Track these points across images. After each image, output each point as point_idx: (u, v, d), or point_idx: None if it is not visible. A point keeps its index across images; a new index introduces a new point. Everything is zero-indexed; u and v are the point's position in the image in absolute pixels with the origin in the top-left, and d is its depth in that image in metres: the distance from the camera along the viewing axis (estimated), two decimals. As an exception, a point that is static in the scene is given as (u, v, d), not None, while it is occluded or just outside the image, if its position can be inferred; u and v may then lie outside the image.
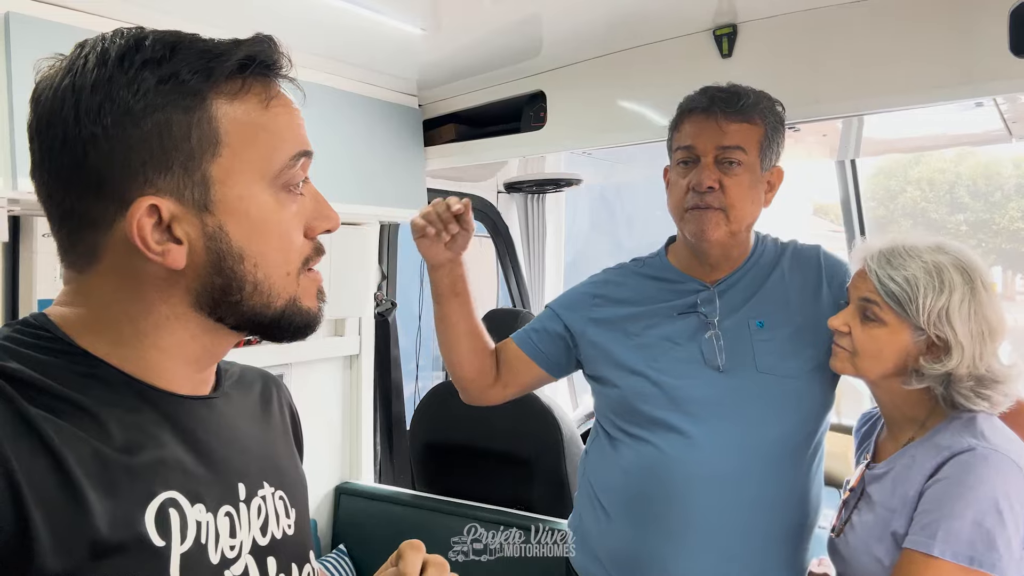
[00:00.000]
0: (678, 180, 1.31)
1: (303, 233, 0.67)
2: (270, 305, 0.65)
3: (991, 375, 1.10)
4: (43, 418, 0.54)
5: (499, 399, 1.49)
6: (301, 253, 0.67)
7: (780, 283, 1.35)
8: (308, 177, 0.68)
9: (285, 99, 0.66)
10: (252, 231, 0.63)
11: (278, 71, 0.65)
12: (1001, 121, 1.71)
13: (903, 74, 1.45)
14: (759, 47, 1.59)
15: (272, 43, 0.64)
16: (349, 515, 2.14)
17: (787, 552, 1.29)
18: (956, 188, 11.68)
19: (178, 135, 0.59)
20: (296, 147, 0.65)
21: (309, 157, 0.66)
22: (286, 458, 0.80)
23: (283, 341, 0.69)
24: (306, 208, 0.67)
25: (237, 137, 0.62)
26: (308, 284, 0.68)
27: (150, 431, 0.61)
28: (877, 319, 1.14)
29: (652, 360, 1.33)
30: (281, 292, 0.65)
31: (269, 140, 0.64)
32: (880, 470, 1.18)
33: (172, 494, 0.59)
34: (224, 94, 0.62)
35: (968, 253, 1.14)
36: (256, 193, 0.63)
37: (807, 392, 1.29)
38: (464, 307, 1.38)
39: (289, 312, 0.66)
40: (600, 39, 1.77)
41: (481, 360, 1.43)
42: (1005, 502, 1.00)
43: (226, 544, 0.63)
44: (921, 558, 1.02)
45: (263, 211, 0.63)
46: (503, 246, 2.93)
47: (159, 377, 0.64)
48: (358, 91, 1.92)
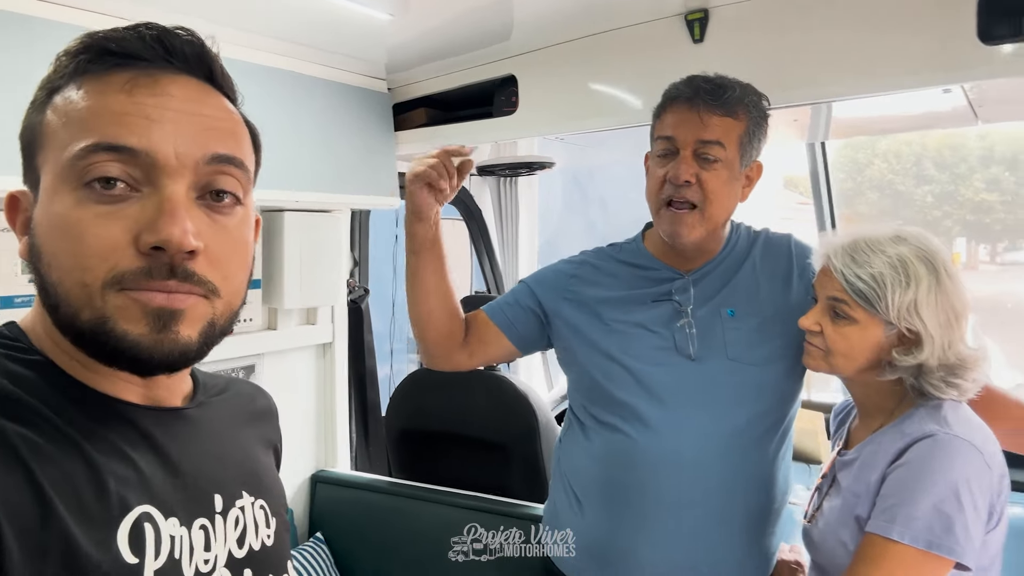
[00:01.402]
0: (656, 170, 1.31)
1: (133, 243, 0.56)
2: (76, 316, 0.57)
3: (960, 362, 1.11)
4: (17, 433, 0.53)
5: (463, 366, 1.49)
6: (108, 264, 0.55)
7: (752, 273, 1.36)
8: (168, 182, 0.57)
9: (159, 87, 0.59)
10: (49, 228, 0.57)
11: (130, 58, 0.59)
12: (968, 105, 1.73)
13: (873, 60, 1.45)
14: (730, 32, 1.59)
15: (138, 30, 0.60)
16: (325, 503, 2.14)
17: (754, 536, 1.32)
18: (922, 160, 11.85)
19: (28, 131, 0.61)
20: (92, 138, 0.56)
21: (118, 152, 0.56)
22: (267, 469, 0.79)
23: (131, 371, 0.60)
24: (137, 215, 0.56)
25: (53, 127, 0.59)
26: (126, 304, 0.56)
27: (122, 445, 0.60)
28: (847, 317, 1.15)
29: (626, 346, 1.33)
30: (81, 305, 0.56)
31: (71, 129, 0.57)
32: (849, 457, 1.20)
33: (146, 508, 0.58)
34: (66, 88, 0.60)
35: (927, 239, 1.15)
36: (56, 186, 0.57)
37: (775, 380, 1.31)
38: (438, 262, 1.37)
39: (99, 332, 0.57)
40: (571, 23, 1.74)
41: (450, 322, 1.42)
42: (964, 488, 1.02)
43: (200, 558, 0.62)
44: (881, 541, 1.05)
45: (58, 207, 0.57)
46: (476, 229, 2.92)
47: (115, 388, 0.62)
48: (325, 76, 1.87)
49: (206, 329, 0.61)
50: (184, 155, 0.58)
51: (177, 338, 0.58)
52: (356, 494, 2.10)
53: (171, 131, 0.58)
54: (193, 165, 0.59)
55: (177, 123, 0.58)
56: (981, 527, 1.04)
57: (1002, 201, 11.97)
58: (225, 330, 0.63)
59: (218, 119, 0.62)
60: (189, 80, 0.62)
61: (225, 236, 0.61)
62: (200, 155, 0.59)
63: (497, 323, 1.45)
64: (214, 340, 0.62)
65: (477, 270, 3.03)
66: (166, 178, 0.57)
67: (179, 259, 0.57)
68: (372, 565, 2.02)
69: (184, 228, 0.56)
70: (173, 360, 0.59)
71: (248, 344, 1.92)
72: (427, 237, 1.34)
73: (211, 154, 0.60)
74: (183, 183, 0.58)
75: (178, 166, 0.58)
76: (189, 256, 0.57)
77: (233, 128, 0.64)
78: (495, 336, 1.45)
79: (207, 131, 0.60)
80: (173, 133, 0.58)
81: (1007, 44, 1.32)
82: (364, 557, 2.03)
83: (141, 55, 0.60)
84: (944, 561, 1.02)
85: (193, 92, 0.61)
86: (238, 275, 0.64)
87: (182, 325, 0.58)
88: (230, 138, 0.63)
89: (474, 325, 1.47)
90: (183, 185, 0.58)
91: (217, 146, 0.60)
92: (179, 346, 0.58)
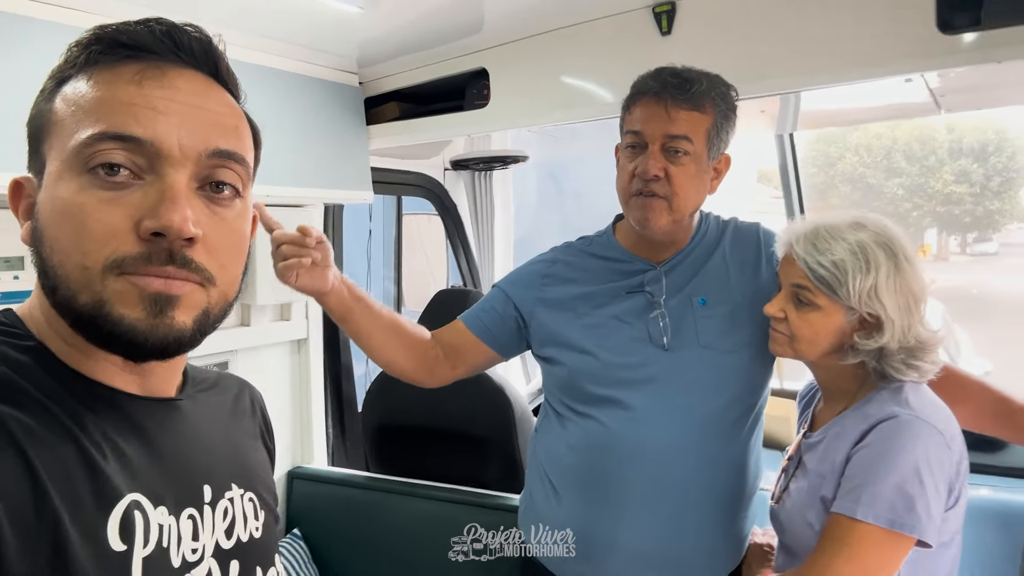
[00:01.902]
0: (626, 163, 1.32)
1: (134, 228, 0.57)
2: (74, 299, 0.58)
3: (920, 344, 1.14)
4: (12, 417, 0.54)
5: (448, 380, 1.49)
6: (109, 248, 0.57)
7: (722, 261, 1.38)
8: (170, 171, 0.59)
9: (166, 80, 0.60)
10: (52, 212, 0.59)
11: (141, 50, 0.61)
12: (930, 95, 1.76)
13: (836, 52, 1.48)
14: (697, 24, 1.61)
15: (149, 25, 0.62)
16: (303, 499, 2.13)
17: (727, 520, 1.34)
18: (892, 153, 12.06)
19: (36, 119, 0.62)
20: (100, 126, 0.58)
21: (123, 141, 0.58)
22: (258, 462, 0.80)
23: (126, 356, 0.61)
24: (139, 201, 0.58)
25: (62, 115, 0.61)
26: (124, 288, 0.57)
27: (113, 434, 0.60)
28: (810, 304, 1.17)
29: (601, 339, 1.35)
30: (80, 287, 0.57)
31: (79, 117, 0.59)
32: (815, 439, 1.23)
33: (136, 496, 0.59)
34: (75, 78, 0.61)
35: (887, 226, 1.17)
36: (61, 171, 0.59)
37: (746, 366, 1.33)
38: (369, 309, 1.36)
39: (97, 315, 0.58)
40: (541, 16, 1.75)
41: (415, 350, 1.43)
42: (926, 467, 1.05)
43: (188, 547, 0.63)
44: (846, 521, 1.07)
45: (63, 192, 0.58)
46: (452, 224, 2.92)
47: (110, 376, 0.63)
48: (295, 70, 1.87)
49: (200, 317, 0.62)
50: (187, 147, 0.60)
51: (172, 323, 0.59)
52: (333, 489, 2.10)
53: (176, 123, 0.60)
54: (196, 157, 0.60)
55: (182, 116, 0.60)
56: (941, 505, 1.07)
57: (971, 193, 12.24)
58: (218, 319, 0.65)
59: (222, 114, 0.64)
60: (196, 74, 0.63)
61: (223, 227, 0.63)
62: (203, 148, 0.61)
63: (475, 332, 1.45)
64: (208, 328, 0.64)
65: (453, 264, 3.03)
66: (169, 167, 0.59)
67: (178, 245, 0.58)
68: (350, 560, 2.02)
69: (184, 215, 0.58)
70: (167, 345, 0.60)
71: (221, 340, 1.91)
72: (343, 303, 1.32)
73: (213, 148, 0.61)
74: (185, 173, 0.60)
75: (181, 157, 0.59)
76: (188, 243, 0.59)
77: (236, 124, 0.66)
78: (474, 345, 1.45)
79: (211, 125, 0.62)
80: (178, 125, 0.60)
81: (966, 33, 1.35)
82: (342, 552, 2.03)
83: (151, 48, 0.61)
84: (906, 539, 1.05)
85: (199, 86, 0.63)
86: (234, 265, 0.65)
87: (178, 311, 0.60)
88: (232, 133, 0.64)
89: (452, 337, 1.46)
90: (185, 175, 0.60)
91: (219, 141, 0.62)
92: (174, 331, 0.60)
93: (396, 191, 2.75)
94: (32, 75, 0.66)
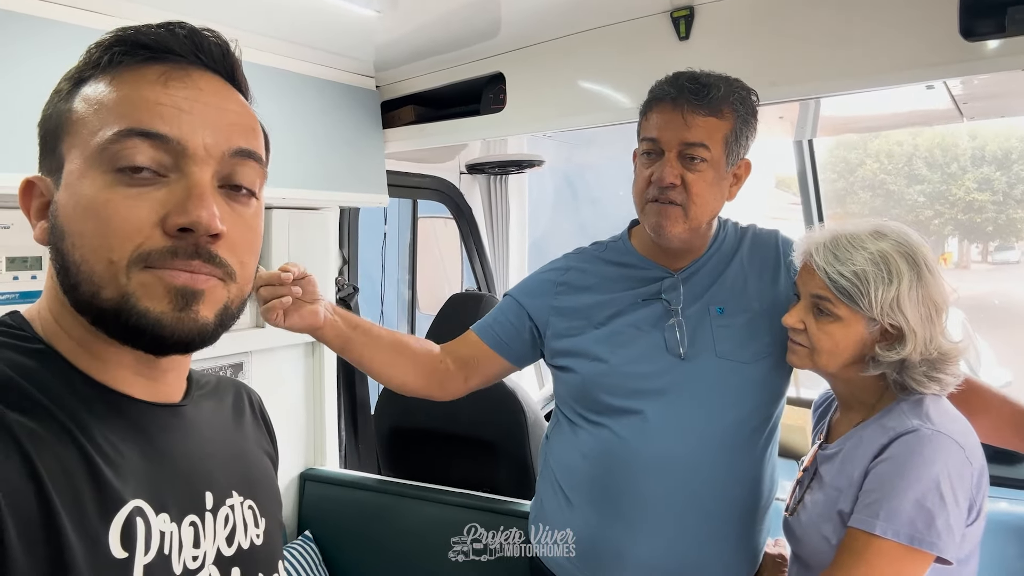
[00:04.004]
0: (642, 170, 1.30)
1: (159, 224, 0.58)
2: (96, 295, 0.58)
3: (942, 356, 1.12)
4: (18, 422, 0.54)
5: (462, 393, 1.47)
6: (135, 242, 0.58)
7: (740, 269, 1.36)
8: (195, 169, 0.60)
9: (191, 81, 0.62)
10: (75, 209, 0.59)
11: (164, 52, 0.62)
12: (952, 102, 1.74)
13: (857, 58, 1.46)
14: (716, 29, 1.59)
15: (171, 27, 0.63)
16: (315, 501, 2.13)
17: (742, 534, 1.32)
18: (914, 160, 11.93)
19: (53, 120, 0.63)
20: (125, 123, 0.59)
21: (150, 139, 0.58)
22: (258, 468, 0.80)
23: (148, 350, 0.61)
24: (164, 198, 0.59)
25: (83, 114, 0.61)
26: (150, 281, 0.58)
27: (117, 440, 0.60)
28: (831, 314, 1.15)
29: (617, 348, 1.33)
30: (105, 282, 0.58)
31: (103, 115, 0.60)
32: (831, 450, 1.21)
33: (138, 503, 0.59)
34: (97, 78, 0.62)
35: (908, 235, 1.15)
36: (84, 169, 0.59)
37: (764, 377, 1.31)
38: (368, 334, 1.34)
39: (121, 310, 0.58)
40: (558, 20, 1.75)
41: (423, 366, 1.41)
42: (946, 483, 1.03)
43: (189, 555, 0.63)
44: (864, 536, 1.05)
45: (87, 189, 0.59)
46: (466, 227, 2.91)
47: (118, 380, 0.63)
48: (313, 74, 1.87)
49: (222, 311, 0.63)
50: (211, 146, 0.61)
51: (197, 317, 0.60)
52: (345, 492, 2.10)
53: (200, 123, 0.61)
54: (219, 156, 0.62)
55: (206, 116, 0.62)
56: (962, 521, 1.05)
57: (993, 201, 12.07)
58: (236, 315, 0.66)
59: (241, 115, 0.66)
60: (215, 77, 0.65)
61: (243, 224, 0.64)
62: (226, 147, 0.62)
63: (489, 343, 1.44)
64: (227, 323, 0.65)
65: (467, 267, 3.02)
66: (194, 165, 0.60)
67: (204, 241, 0.60)
68: (361, 563, 2.02)
69: (212, 212, 0.59)
70: (191, 339, 0.61)
71: (236, 342, 1.91)
72: (339, 334, 1.30)
73: (235, 148, 0.63)
74: (209, 171, 0.61)
75: (205, 155, 0.61)
76: (213, 239, 0.60)
77: (253, 125, 0.67)
78: (488, 357, 1.44)
79: (232, 125, 0.64)
80: (202, 125, 0.61)
81: (989, 40, 1.33)
82: (353, 555, 2.03)
83: (174, 50, 0.63)
84: (926, 555, 1.03)
85: (219, 88, 0.65)
86: (251, 262, 0.67)
87: (202, 305, 0.61)
88: (251, 134, 0.66)
89: (465, 349, 1.44)
90: (209, 173, 0.61)
91: (240, 140, 0.64)
92: (198, 325, 0.61)
93: (411, 194, 2.75)
94: (35, 75, 0.66)
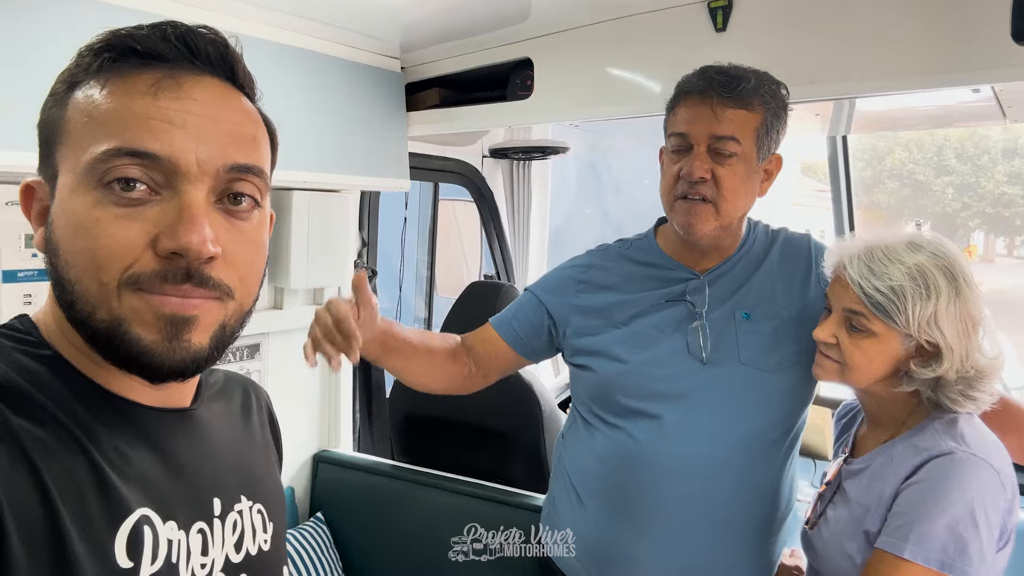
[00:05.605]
0: (670, 167, 1.26)
1: (151, 245, 0.56)
2: (92, 315, 0.57)
3: (978, 373, 1.08)
4: (24, 429, 0.53)
5: (481, 387, 1.48)
6: (125, 263, 0.56)
7: (769, 274, 1.32)
8: (188, 188, 0.57)
9: (183, 91, 0.58)
10: (67, 226, 0.57)
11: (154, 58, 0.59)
12: (997, 104, 1.68)
13: (900, 57, 1.40)
14: (754, 23, 1.53)
15: (163, 29, 0.60)
16: (327, 483, 2.14)
17: (756, 544, 1.30)
18: (944, 151, 11.68)
19: (48, 126, 0.61)
20: (115, 142, 0.56)
21: (139, 158, 0.56)
22: (265, 470, 0.79)
23: (142, 377, 0.59)
24: (156, 217, 0.56)
25: (74, 124, 0.59)
26: (140, 307, 0.56)
27: (126, 447, 0.60)
28: (865, 330, 1.11)
29: (637, 349, 1.30)
30: (99, 303, 0.56)
31: (94, 130, 0.57)
32: (857, 466, 1.18)
33: (145, 511, 0.58)
34: (88, 84, 0.59)
35: (944, 245, 1.11)
36: (75, 185, 0.57)
37: (788, 387, 1.27)
38: (404, 348, 1.34)
39: (114, 334, 0.57)
40: (590, 6, 1.70)
41: (449, 368, 1.42)
42: (980, 509, 1.00)
43: (197, 563, 0.62)
44: (892, 559, 1.03)
45: (78, 206, 0.57)
46: (487, 212, 2.88)
47: (124, 387, 0.62)
48: (337, 54, 1.84)
49: (217, 333, 0.61)
50: (205, 162, 0.58)
51: (188, 346, 0.58)
52: (358, 475, 2.10)
53: (194, 137, 0.58)
54: (214, 172, 0.59)
55: (200, 129, 0.58)
56: (994, 548, 1.02)
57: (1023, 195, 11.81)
58: (235, 332, 0.64)
59: (239, 124, 0.62)
60: (212, 81, 0.61)
61: (242, 239, 0.61)
62: (221, 163, 0.59)
63: (507, 340, 1.43)
64: (225, 343, 0.62)
65: (487, 251, 3.00)
66: (187, 184, 0.57)
67: (196, 264, 0.57)
68: (371, 546, 2.02)
69: (203, 236, 0.56)
70: (184, 368, 0.59)
71: (254, 323, 1.88)
72: (376, 358, 1.33)
73: (231, 163, 0.60)
74: (203, 189, 0.58)
75: (199, 172, 0.58)
76: (207, 262, 0.58)
77: (254, 133, 0.64)
78: (505, 352, 1.43)
79: (228, 137, 0.60)
80: (195, 140, 0.58)
81: (1042, 44, 1.27)
82: (363, 538, 2.04)
83: (165, 55, 0.59)
84: None
85: (216, 95, 0.61)
86: (253, 277, 0.64)
87: (194, 332, 0.59)
88: (251, 144, 0.63)
89: (483, 346, 1.44)
90: (203, 191, 0.58)
91: (237, 155, 0.60)
92: (190, 354, 0.59)
93: (433, 177, 2.72)
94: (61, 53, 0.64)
